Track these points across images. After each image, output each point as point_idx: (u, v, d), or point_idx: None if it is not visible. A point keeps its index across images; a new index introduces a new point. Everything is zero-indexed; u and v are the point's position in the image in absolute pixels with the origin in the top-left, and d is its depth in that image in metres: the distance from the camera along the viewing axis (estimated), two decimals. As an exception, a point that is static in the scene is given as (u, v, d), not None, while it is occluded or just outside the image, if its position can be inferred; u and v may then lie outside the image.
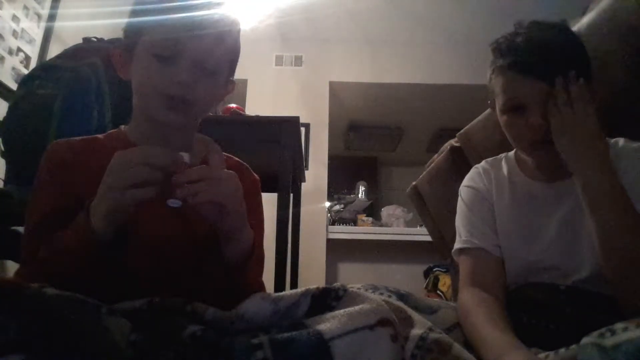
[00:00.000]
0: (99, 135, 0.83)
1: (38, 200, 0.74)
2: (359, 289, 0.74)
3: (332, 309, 0.54)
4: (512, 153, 0.98)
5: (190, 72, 0.71)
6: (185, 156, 0.63)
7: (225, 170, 0.67)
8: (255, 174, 0.91)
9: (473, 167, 1.01)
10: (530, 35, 0.82)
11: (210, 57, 0.74)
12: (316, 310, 0.55)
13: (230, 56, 0.80)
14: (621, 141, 0.85)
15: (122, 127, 0.84)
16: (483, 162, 1.00)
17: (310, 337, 0.49)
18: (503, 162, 0.97)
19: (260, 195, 0.91)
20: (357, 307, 0.52)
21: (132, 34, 0.75)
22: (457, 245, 0.92)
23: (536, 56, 0.80)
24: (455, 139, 1.44)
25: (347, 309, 0.52)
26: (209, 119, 0.84)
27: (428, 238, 1.73)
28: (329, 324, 0.50)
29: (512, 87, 0.82)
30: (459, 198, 0.99)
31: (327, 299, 0.56)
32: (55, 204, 0.71)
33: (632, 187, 0.74)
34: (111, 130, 0.85)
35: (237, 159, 0.91)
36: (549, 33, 0.83)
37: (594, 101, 0.79)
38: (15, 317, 0.45)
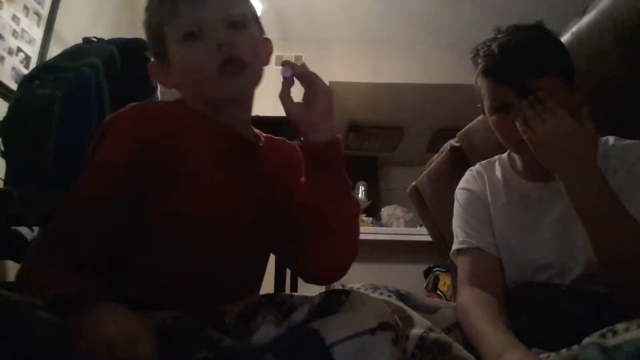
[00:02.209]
0: (157, 103, 0.78)
1: (100, 170, 0.66)
2: (358, 288, 0.75)
3: (333, 313, 0.54)
4: (505, 155, 0.99)
5: (224, 31, 0.69)
6: None
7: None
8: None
9: (467, 170, 1.02)
10: (504, 41, 0.83)
11: (233, 7, 0.72)
12: (318, 314, 0.55)
13: (250, 8, 0.78)
14: (611, 139, 0.85)
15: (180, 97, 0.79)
16: (477, 165, 1.01)
17: (312, 343, 0.48)
18: (497, 164, 0.98)
19: None
20: (358, 311, 0.51)
21: (155, 26, 0.73)
22: (455, 246, 0.93)
23: (508, 63, 0.81)
24: (455, 139, 1.44)
25: (348, 313, 0.51)
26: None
27: (428, 238, 1.72)
28: (330, 328, 0.50)
29: (493, 91, 0.85)
30: (455, 201, 0.99)
31: (329, 303, 0.56)
32: (119, 181, 0.64)
33: (621, 185, 0.75)
34: (170, 101, 0.79)
35: (274, 137, 0.88)
36: (524, 36, 0.83)
37: (578, 101, 0.79)
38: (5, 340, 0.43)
